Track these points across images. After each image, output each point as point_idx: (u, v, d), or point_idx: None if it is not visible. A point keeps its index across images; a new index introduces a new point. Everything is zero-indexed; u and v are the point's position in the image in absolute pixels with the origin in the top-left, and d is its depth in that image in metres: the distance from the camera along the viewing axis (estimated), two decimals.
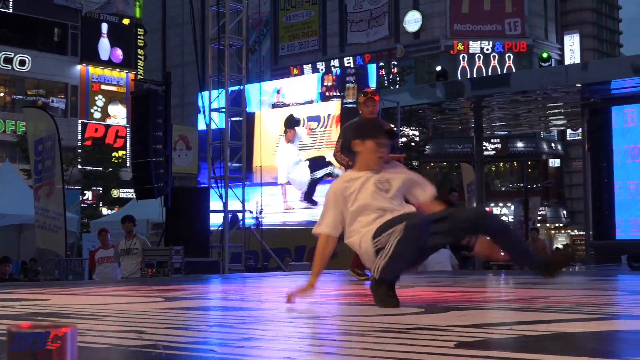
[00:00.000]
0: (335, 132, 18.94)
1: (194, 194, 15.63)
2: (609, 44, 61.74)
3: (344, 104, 19.06)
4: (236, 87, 16.50)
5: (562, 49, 55.36)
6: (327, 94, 19.08)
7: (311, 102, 18.52)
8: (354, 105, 19.83)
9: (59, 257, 17.24)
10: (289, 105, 19.49)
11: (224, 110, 15.82)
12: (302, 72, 52.43)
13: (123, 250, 12.79)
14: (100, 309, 4.87)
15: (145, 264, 12.50)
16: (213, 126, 16.09)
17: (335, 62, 53.94)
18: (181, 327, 3.72)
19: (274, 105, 19.65)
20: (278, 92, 20.17)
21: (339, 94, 19.41)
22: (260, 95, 17.54)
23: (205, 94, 16.60)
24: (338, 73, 20.73)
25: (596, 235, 20.56)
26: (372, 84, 18.46)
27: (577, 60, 52.58)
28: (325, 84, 19.42)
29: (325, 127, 19.29)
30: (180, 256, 12.63)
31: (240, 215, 15.88)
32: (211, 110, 16.15)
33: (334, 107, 18.70)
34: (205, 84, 16.66)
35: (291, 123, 18.88)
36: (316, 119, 16.55)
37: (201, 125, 20.98)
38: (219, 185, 15.41)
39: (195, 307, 5.08)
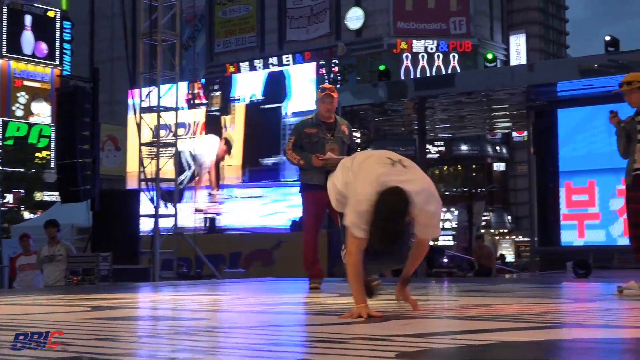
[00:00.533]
0: (201, 137, 19.90)
1: (123, 197, 15.49)
2: (555, 44, 62.83)
3: (209, 111, 19.63)
4: (169, 85, 16.37)
5: (507, 49, 56.15)
6: (193, 101, 19.65)
7: (181, 108, 18.76)
8: (218, 114, 20.31)
9: None
10: (162, 109, 19.53)
11: (155, 109, 15.70)
12: (238, 70, 52.23)
13: (46, 256, 12.58)
14: (21, 319, 4.79)
15: (70, 271, 12.33)
16: (144, 125, 15.95)
17: (274, 60, 53.86)
18: (108, 338, 3.67)
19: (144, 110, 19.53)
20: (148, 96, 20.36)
21: (204, 101, 20.04)
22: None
23: (136, 91, 16.46)
24: (203, 82, 21.20)
25: (541, 242, 20.86)
26: (235, 94, 19.18)
27: (523, 61, 53.37)
28: (192, 91, 19.99)
29: (195, 134, 19.83)
30: (107, 263, 12.50)
31: (171, 220, 15.75)
32: (142, 109, 16.01)
33: (200, 115, 19.29)
34: (135, 81, 16.51)
35: None
36: (183, 125, 16.80)
37: (132, 125, 20.80)
38: (150, 188, 15.28)
39: (124, 317, 5.03)
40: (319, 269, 8.41)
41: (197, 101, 19.51)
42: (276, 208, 20.65)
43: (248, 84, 20.62)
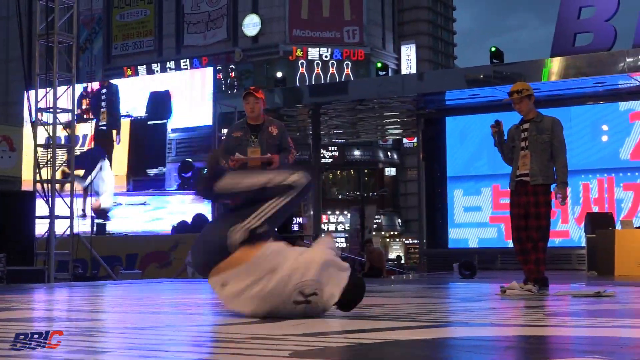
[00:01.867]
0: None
1: (18, 199, 15.05)
2: (444, 55, 64.16)
3: (98, 126, 19.94)
4: (65, 87, 15.98)
5: (399, 59, 57.00)
6: (84, 116, 20.00)
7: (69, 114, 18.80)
8: (105, 128, 20.77)
9: None
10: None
11: (51, 110, 15.31)
12: (136, 73, 51.50)
13: None
14: None
15: None
16: (40, 128, 15.54)
17: (171, 64, 53.30)
18: (2, 340, 3.56)
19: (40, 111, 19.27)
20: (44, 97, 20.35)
21: (93, 117, 20.38)
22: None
23: (32, 92, 16.02)
24: (90, 97, 21.38)
25: (429, 244, 21.25)
26: (121, 110, 19.58)
27: (413, 70, 54.29)
28: (82, 107, 20.24)
29: (83, 146, 20.12)
30: (1, 264, 12.13)
31: (67, 222, 15.39)
32: (38, 110, 15.60)
33: (88, 129, 19.56)
34: (31, 82, 16.07)
35: None
36: (75, 138, 16.99)
37: (27, 126, 20.32)
38: (46, 192, 14.89)
39: (18, 319, 4.89)
40: None
41: (85, 116, 19.77)
42: (159, 214, 20.89)
43: (132, 99, 20.71)
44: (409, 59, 57.17)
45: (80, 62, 52.80)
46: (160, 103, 20.22)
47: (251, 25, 53.08)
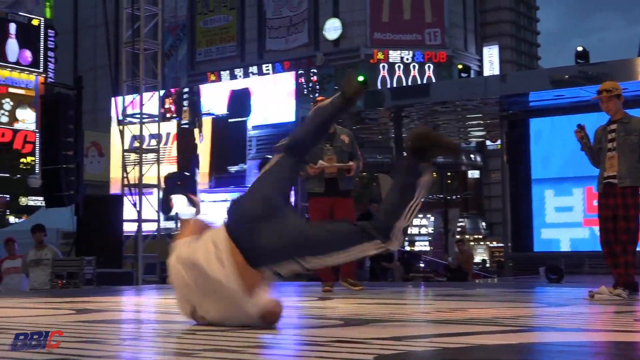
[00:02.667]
0: (174, 149, 20.22)
1: (107, 203, 15.41)
2: (527, 56, 63.23)
3: (180, 124, 20.12)
4: (151, 93, 16.31)
5: (481, 61, 56.41)
6: (166, 115, 20.18)
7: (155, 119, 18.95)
8: (188, 126, 20.91)
9: None
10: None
11: (138, 116, 15.64)
12: (219, 79, 52.18)
13: (33, 260, 12.49)
14: (6, 322, 4.75)
15: (55, 275, 12.25)
16: (127, 132, 15.89)
17: (254, 69, 53.82)
18: (93, 341, 3.65)
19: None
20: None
21: (175, 116, 20.56)
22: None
23: (119, 99, 16.39)
24: (173, 97, 21.71)
25: (514, 247, 20.94)
26: (203, 109, 19.72)
27: (496, 71, 53.62)
28: (166, 106, 20.48)
29: (167, 144, 20.23)
30: (91, 267, 12.43)
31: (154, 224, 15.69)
32: (125, 116, 15.95)
33: (172, 127, 19.72)
34: (118, 89, 16.45)
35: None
36: (156, 136, 16.98)
37: (115, 131, 20.80)
38: (133, 193, 15.22)
39: (108, 320, 5.00)
40: (330, 272, 8.47)
41: (168, 115, 20.10)
42: None
43: (214, 98, 21.00)
44: (491, 60, 56.53)
45: (165, 68, 53.66)
46: (240, 101, 20.46)
47: (332, 29, 53.22)
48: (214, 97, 21.11)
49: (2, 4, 44.47)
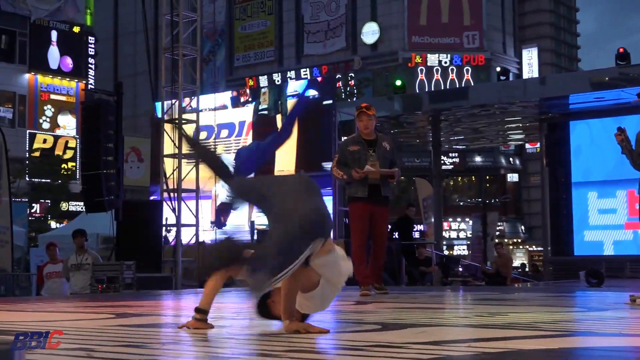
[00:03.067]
0: (250, 141, 17.27)
1: (146, 208, 15.53)
2: (567, 58, 62.71)
3: (258, 110, 17.89)
4: (189, 98, 16.41)
5: (520, 63, 56.03)
6: (241, 99, 18.15)
7: (224, 107, 17.76)
8: (267, 113, 18.51)
9: (5, 272, 16.97)
10: (201, 110, 19.13)
11: (177, 121, 15.74)
12: (257, 84, 52.38)
13: (74, 265, 12.62)
14: (48, 325, 4.80)
15: (95, 279, 12.37)
16: (166, 138, 16.00)
17: (292, 74, 53.96)
18: (133, 345, 3.68)
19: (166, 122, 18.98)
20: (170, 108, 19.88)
21: (250, 99, 18.19)
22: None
23: (159, 104, 16.51)
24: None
25: (554, 251, 20.75)
26: (288, 90, 17.76)
27: (535, 74, 53.23)
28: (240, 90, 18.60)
29: (240, 136, 18.13)
30: (131, 271, 12.53)
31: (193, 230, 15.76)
32: (165, 122, 16.07)
33: (247, 114, 17.79)
34: (158, 94, 16.57)
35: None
36: (228, 126, 15.95)
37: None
38: (172, 198, 15.32)
39: (147, 324, 5.04)
40: (368, 276, 8.55)
41: (242, 99, 18.31)
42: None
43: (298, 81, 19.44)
44: (530, 62, 56.13)
45: (204, 73, 54.04)
46: (330, 83, 19.12)
47: (370, 33, 53.20)
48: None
49: (43, 12, 45.03)
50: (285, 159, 19.12)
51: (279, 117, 19.09)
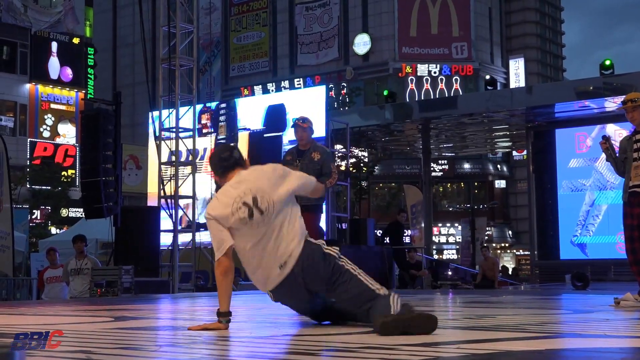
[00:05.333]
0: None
1: (144, 214, 15.50)
2: (553, 68, 62.84)
3: (217, 139, 19.87)
4: (186, 107, 16.40)
5: (507, 73, 56.16)
6: (203, 130, 20.07)
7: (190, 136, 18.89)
8: (224, 141, 20.67)
9: (6, 277, 16.93)
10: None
11: (174, 130, 15.74)
12: (252, 93, 52.41)
13: (73, 270, 12.58)
14: (48, 329, 4.79)
15: (94, 283, 12.34)
16: (163, 146, 15.99)
17: (286, 84, 54.01)
18: (130, 347, 3.67)
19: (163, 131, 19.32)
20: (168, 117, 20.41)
21: (212, 130, 20.31)
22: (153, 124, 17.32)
23: (156, 113, 16.51)
24: (213, 108, 21.41)
25: (541, 255, 20.81)
26: (240, 124, 19.44)
27: (522, 83, 53.35)
28: (202, 122, 20.29)
29: (202, 159, 20.13)
30: (129, 276, 12.50)
31: (190, 235, 15.76)
32: (162, 130, 16.06)
33: (208, 142, 19.62)
34: (155, 103, 16.57)
35: None
36: (196, 152, 17.10)
37: (152, 145, 20.87)
38: (170, 205, 15.31)
39: (145, 327, 5.03)
40: None
41: (204, 130, 20.09)
42: None
43: (250, 113, 20.89)
44: (517, 72, 56.26)
45: (200, 83, 54.07)
46: (276, 116, 20.29)
47: (362, 44, 53.28)
48: (250, 111, 21.03)
49: (44, 23, 45.01)
50: None
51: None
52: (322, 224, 18.45)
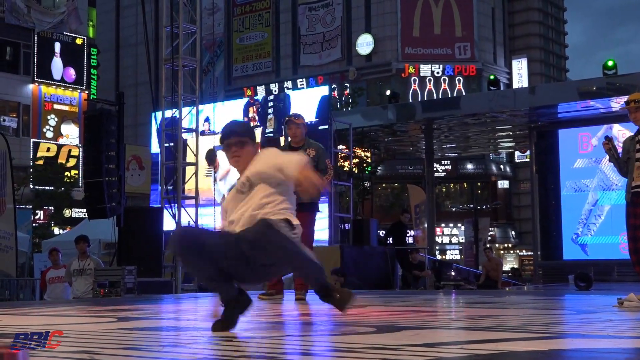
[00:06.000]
0: None
1: (147, 214, 15.50)
2: (556, 68, 62.81)
3: (265, 133, 19.80)
4: (189, 107, 16.41)
5: (510, 73, 56.13)
6: (250, 123, 19.82)
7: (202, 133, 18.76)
8: (273, 135, 20.70)
9: (9, 277, 16.94)
10: (216, 133, 19.35)
11: (177, 130, 15.75)
12: (255, 93, 52.40)
13: (76, 270, 12.58)
14: (51, 329, 4.79)
15: (97, 284, 12.34)
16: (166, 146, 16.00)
17: (289, 84, 54.02)
18: (134, 348, 3.67)
19: (202, 133, 19.25)
20: (207, 120, 20.26)
21: (259, 124, 20.25)
22: (190, 123, 17.36)
23: (159, 114, 16.51)
24: (260, 101, 21.23)
25: (544, 256, 20.79)
26: (291, 111, 19.23)
27: (525, 84, 53.32)
28: (249, 115, 20.19)
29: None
30: (132, 276, 12.50)
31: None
32: (164, 131, 16.07)
33: (257, 136, 19.48)
34: (158, 104, 16.57)
35: (211, 159, 19.00)
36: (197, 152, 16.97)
37: (154, 146, 20.86)
38: (172, 205, 15.31)
39: (148, 328, 5.03)
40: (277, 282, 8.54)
41: (252, 124, 19.79)
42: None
43: (301, 105, 20.61)
44: (520, 73, 56.24)
45: (203, 84, 54.15)
46: (328, 108, 20.05)
47: (364, 44, 53.28)
48: (302, 103, 20.68)
49: (47, 24, 45.04)
50: None
51: (283, 138, 20.92)
52: (325, 224, 18.50)
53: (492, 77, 23.59)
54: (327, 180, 8.64)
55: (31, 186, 39.48)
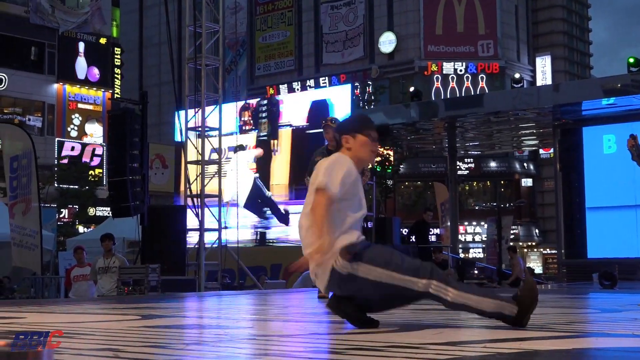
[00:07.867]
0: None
1: (171, 213, 15.58)
2: (580, 66, 62.36)
3: (259, 136, 19.96)
4: (212, 107, 16.47)
5: (534, 71, 55.82)
6: (244, 127, 20.04)
7: (232, 133, 18.90)
8: (267, 138, 20.83)
9: (34, 275, 17.09)
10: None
11: (200, 129, 15.81)
12: (278, 92, 52.48)
13: (101, 268, 12.65)
14: (76, 327, 4.83)
15: (121, 282, 12.41)
16: (189, 145, 16.06)
17: (311, 82, 54.02)
18: (157, 346, 3.69)
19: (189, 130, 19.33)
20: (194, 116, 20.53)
21: (254, 128, 20.43)
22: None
23: (182, 112, 16.58)
24: (251, 110, 21.41)
25: (568, 254, 20.65)
26: (282, 120, 19.43)
27: (549, 81, 52.98)
28: (243, 119, 20.36)
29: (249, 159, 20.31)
30: (156, 274, 12.56)
31: (216, 234, 15.80)
32: (188, 129, 16.13)
33: (250, 139, 19.69)
34: (181, 103, 16.64)
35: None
36: (233, 149, 17.15)
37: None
38: (196, 204, 15.37)
39: (172, 325, 5.05)
40: None
41: (246, 127, 20.04)
42: None
43: (293, 110, 20.81)
44: (544, 70, 55.91)
45: (226, 83, 54.23)
46: (320, 112, 20.22)
47: (387, 42, 53.19)
48: (294, 108, 20.91)
49: (71, 24, 45.34)
50: (279, 174, 21.45)
51: (276, 142, 21.31)
52: None
53: (516, 75, 23.44)
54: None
55: (56, 185, 39.78)
